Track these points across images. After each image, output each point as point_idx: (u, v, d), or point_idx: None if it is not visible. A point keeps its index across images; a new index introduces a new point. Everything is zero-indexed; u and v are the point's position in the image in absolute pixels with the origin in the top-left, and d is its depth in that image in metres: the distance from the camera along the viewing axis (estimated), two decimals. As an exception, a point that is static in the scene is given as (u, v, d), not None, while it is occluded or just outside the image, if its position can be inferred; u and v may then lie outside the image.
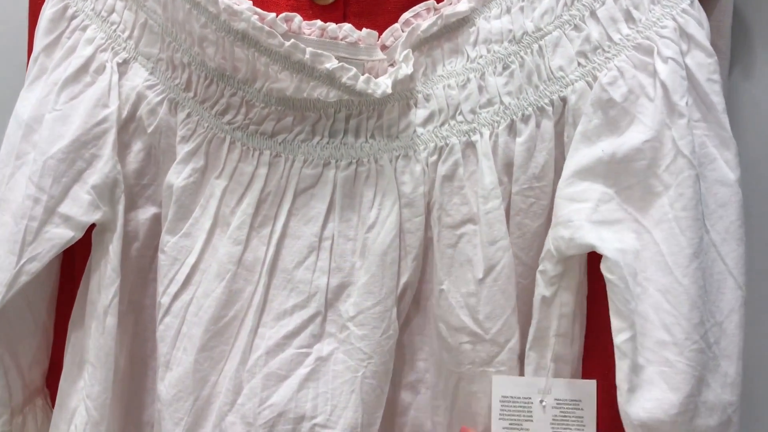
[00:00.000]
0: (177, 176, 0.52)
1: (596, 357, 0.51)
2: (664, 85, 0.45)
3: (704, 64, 0.45)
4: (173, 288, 0.52)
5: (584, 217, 0.45)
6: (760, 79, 0.60)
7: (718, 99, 0.45)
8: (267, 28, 0.47)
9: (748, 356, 0.51)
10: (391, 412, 0.53)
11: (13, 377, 0.56)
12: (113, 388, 0.54)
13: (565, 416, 0.44)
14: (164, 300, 0.52)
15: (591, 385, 0.44)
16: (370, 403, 0.50)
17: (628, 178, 0.46)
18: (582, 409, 0.43)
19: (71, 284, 0.57)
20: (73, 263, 0.58)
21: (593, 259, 0.48)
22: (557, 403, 0.45)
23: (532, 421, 0.46)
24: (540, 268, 0.48)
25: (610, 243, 0.43)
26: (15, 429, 0.57)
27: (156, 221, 0.54)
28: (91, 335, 0.53)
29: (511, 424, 0.48)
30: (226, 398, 0.50)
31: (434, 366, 0.52)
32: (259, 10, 0.48)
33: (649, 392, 0.43)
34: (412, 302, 0.52)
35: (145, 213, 0.54)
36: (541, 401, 0.44)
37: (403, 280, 0.51)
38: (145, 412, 0.57)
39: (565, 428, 0.44)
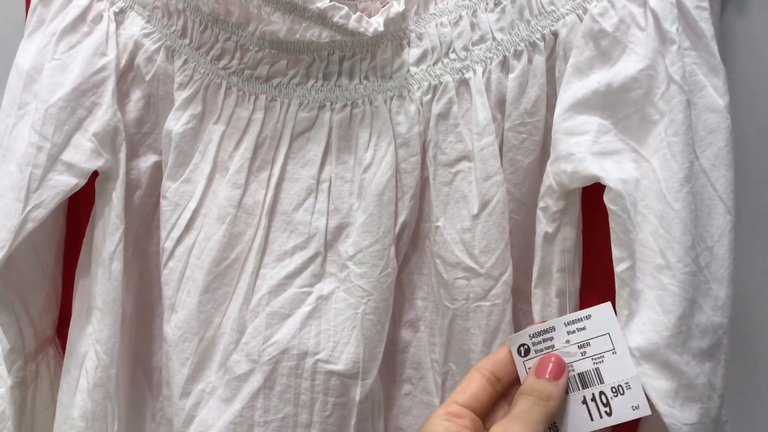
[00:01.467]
0: (176, 123, 0.52)
1: (593, 289, 0.51)
2: (654, 13, 0.45)
3: (693, -8, 0.45)
4: (176, 232, 0.53)
5: (585, 149, 0.45)
6: (754, 15, 0.60)
7: (707, 26, 0.45)
8: (258, -31, 0.47)
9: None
10: (391, 350, 0.54)
11: (25, 325, 0.57)
12: (121, 334, 0.55)
13: (592, 346, 0.45)
14: (167, 244, 0.53)
15: (606, 307, 0.44)
16: (371, 339, 0.51)
17: (625, 108, 0.46)
18: (608, 333, 0.44)
19: (77, 234, 0.58)
20: (79, 214, 0.59)
21: (586, 192, 0.49)
22: (580, 337, 0.45)
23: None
24: (541, 204, 0.48)
25: (612, 173, 0.44)
26: (29, 376, 0.58)
27: (157, 169, 0.55)
28: (97, 282, 0.54)
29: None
30: (231, 337, 0.51)
31: (432, 304, 0.53)
32: (250, -50, 0.48)
33: (645, 315, 0.43)
34: (410, 242, 0.53)
35: (147, 161, 0.55)
36: (567, 340, 0.45)
37: (401, 219, 0.52)
38: (153, 358, 0.58)
39: (599, 359, 0.44)
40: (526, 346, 0.46)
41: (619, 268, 0.44)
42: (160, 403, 0.58)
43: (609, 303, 0.44)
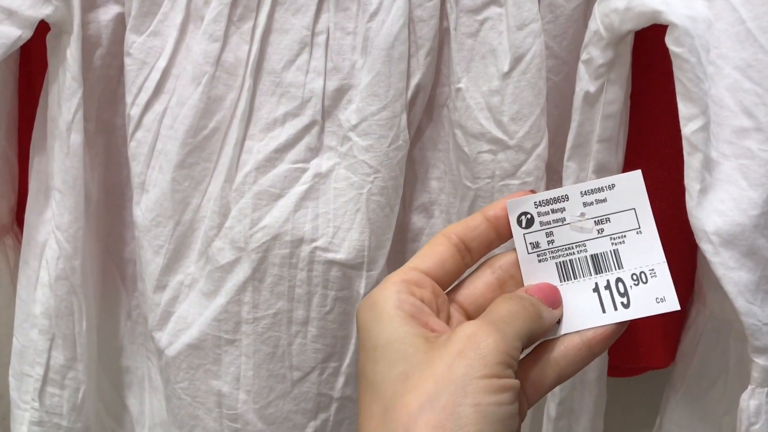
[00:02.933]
0: (138, -40, 0.43)
1: (638, 165, 0.43)
2: None
3: None
4: (143, 97, 0.44)
5: None
6: None
7: None
8: None
9: None
10: (401, 238, 0.47)
11: (-25, 210, 0.49)
12: (87, 220, 0.48)
13: (612, 223, 0.36)
14: (134, 111, 0.44)
15: (636, 176, 0.35)
16: (378, 224, 0.43)
17: None
18: (633, 208, 0.35)
19: (32, 106, 0.50)
20: (33, 81, 0.50)
21: (641, 43, 0.40)
22: (599, 210, 0.36)
23: (571, 244, 0.36)
24: (583, 57, 0.39)
25: (677, 8, 0.34)
26: (-16, 268, 0.51)
27: (121, 23, 0.46)
28: (54, 157, 0.46)
29: (539, 256, 0.37)
30: (212, 221, 0.44)
31: (449, 185, 0.45)
32: None
33: (725, 192, 0.35)
34: (425, 109, 0.45)
35: (107, 12, 0.46)
36: (581, 213, 0.36)
37: (415, 80, 0.43)
38: (126, 248, 0.51)
39: (620, 238, 0.35)
40: (529, 216, 0.36)
41: (688, 128, 0.35)
42: (135, 299, 0.52)
43: (639, 171, 0.35)
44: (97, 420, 0.53)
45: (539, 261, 0.36)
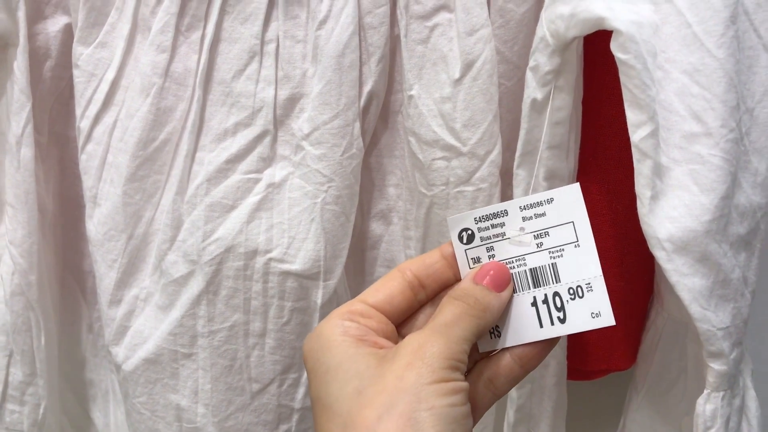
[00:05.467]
0: (83, -29, 0.42)
1: (592, 171, 0.43)
2: None
3: None
4: (93, 109, 0.44)
5: None
6: None
7: None
8: None
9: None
10: (360, 246, 0.46)
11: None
12: (42, 234, 0.47)
13: (550, 237, 0.36)
14: (84, 124, 0.44)
15: (574, 189, 0.35)
16: (334, 233, 0.43)
17: None
18: (572, 222, 0.35)
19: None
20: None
21: (589, 51, 0.40)
22: (538, 225, 0.36)
23: (511, 258, 0.36)
24: (530, 63, 0.39)
25: (622, 14, 0.34)
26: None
27: (70, 34, 0.45)
28: (5, 172, 0.45)
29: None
30: (165, 235, 0.43)
31: (406, 191, 0.45)
32: None
33: (676, 198, 0.35)
34: (380, 117, 0.44)
35: (55, 24, 0.45)
36: (521, 228, 0.36)
37: (367, 88, 0.42)
38: (84, 261, 0.50)
39: (558, 252, 0.35)
40: (469, 232, 0.36)
41: (636, 135, 0.34)
42: (96, 311, 0.51)
43: (578, 184, 0.35)
44: (61, 434, 0.52)
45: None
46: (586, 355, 0.46)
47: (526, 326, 0.35)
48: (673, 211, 0.34)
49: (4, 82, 0.45)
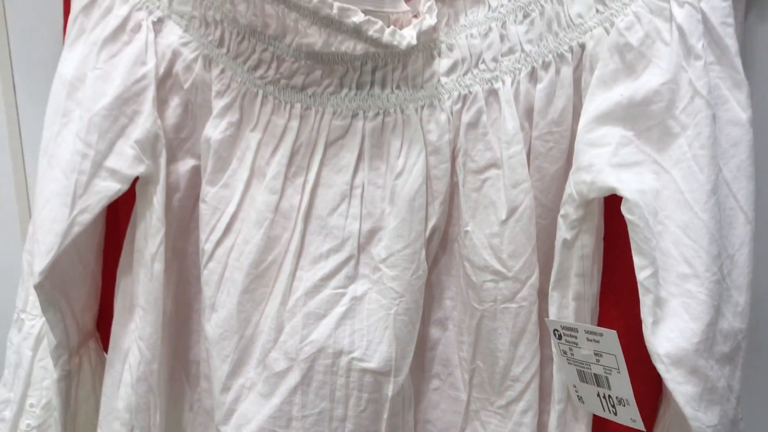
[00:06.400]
0: (214, 130, 0.54)
1: (612, 295, 0.54)
2: (680, 29, 0.46)
3: (718, 8, 0.46)
4: (215, 235, 0.55)
5: (605, 161, 0.47)
6: (777, 20, 0.61)
7: (731, 42, 0.47)
8: (296, -16, 0.49)
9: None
10: (421, 347, 0.57)
11: (70, 321, 0.60)
12: (162, 329, 0.58)
13: (603, 357, 0.48)
14: (207, 247, 0.55)
15: (613, 335, 0.48)
16: (403, 338, 0.53)
17: (646, 120, 0.47)
18: (614, 355, 0.47)
19: (115, 233, 0.61)
20: (117, 213, 0.61)
21: (610, 202, 0.51)
22: (595, 347, 0.49)
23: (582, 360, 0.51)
24: (561, 212, 0.50)
25: (629, 184, 0.45)
26: (73, 369, 0.61)
27: (195, 173, 0.57)
28: (140, 281, 0.57)
29: (568, 360, 0.51)
30: (269, 336, 0.54)
31: (460, 304, 0.56)
32: (287, -33, 0.50)
33: (672, 323, 0.45)
34: (440, 244, 0.55)
35: (185, 165, 0.57)
36: (585, 344, 0.49)
37: (431, 223, 0.54)
38: (191, 352, 0.61)
39: (608, 371, 0.48)
40: (558, 333, 0.50)
41: (641, 275, 0.46)
42: (198, 394, 0.61)
43: (615, 332, 0.47)
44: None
45: (568, 363, 0.49)
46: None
47: (595, 406, 0.49)
48: (670, 333, 0.45)
49: (144, 211, 0.56)
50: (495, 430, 0.55)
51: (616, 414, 0.49)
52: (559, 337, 0.49)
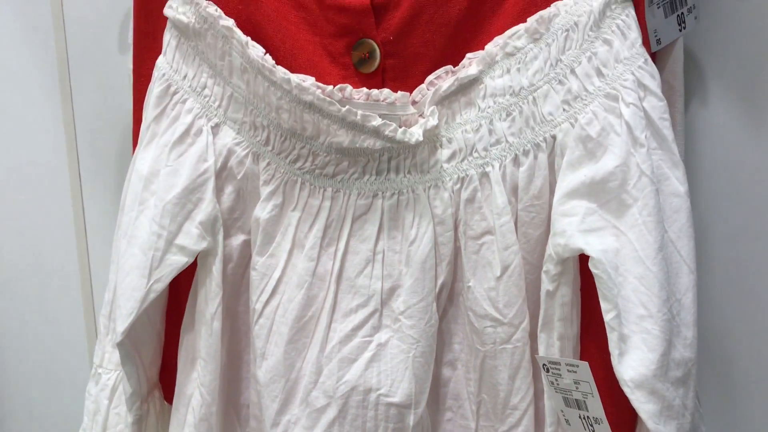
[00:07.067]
0: (262, 211, 0.66)
1: (589, 334, 0.65)
2: (628, 124, 0.59)
3: (657, 107, 0.59)
4: (264, 296, 0.66)
5: (574, 227, 0.57)
6: (714, 106, 0.74)
7: (668, 132, 0.59)
8: (328, 98, 0.62)
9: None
10: (435, 385, 0.65)
11: (141, 373, 0.71)
12: (219, 378, 0.69)
13: (580, 385, 0.58)
14: (257, 306, 0.67)
15: (585, 366, 0.57)
16: (420, 377, 0.64)
17: (606, 195, 0.58)
18: (588, 382, 0.58)
19: (176, 297, 0.72)
20: (178, 281, 0.73)
21: (584, 259, 0.63)
22: (574, 376, 0.59)
23: (566, 389, 0.60)
24: (544, 268, 0.62)
25: (594, 246, 0.56)
26: (143, 414, 0.72)
27: (245, 246, 0.67)
28: (201, 337, 0.68)
29: (555, 390, 0.61)
30: (310, 378, 0.65)
31: (467, 347, 0.67)
32: (320, 84, 0.63)
33: (634, 354, 0.54)
34: (448, 298, 0.66)
35: (237, 240, 0.67)
36: (567, 374, 0.59)
37: (440, 281, 0.65)
38: (241, 396, 0.71)
39: (585, 395, 0.58)
40: (546, 367, 0.60)
41: (607, 317, 0.57)
42: (247, 432, 0.72)
43: (587, 363, 0.57)
44: None
45: (555, 391, 0.58)
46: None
47: (580, 428, 0.58)
48: (632, 362, 0.56)
49: (205, 279, 0.68)
50: (500, 451, 0.65)
51: None
52: (547, 371, 0.60)
